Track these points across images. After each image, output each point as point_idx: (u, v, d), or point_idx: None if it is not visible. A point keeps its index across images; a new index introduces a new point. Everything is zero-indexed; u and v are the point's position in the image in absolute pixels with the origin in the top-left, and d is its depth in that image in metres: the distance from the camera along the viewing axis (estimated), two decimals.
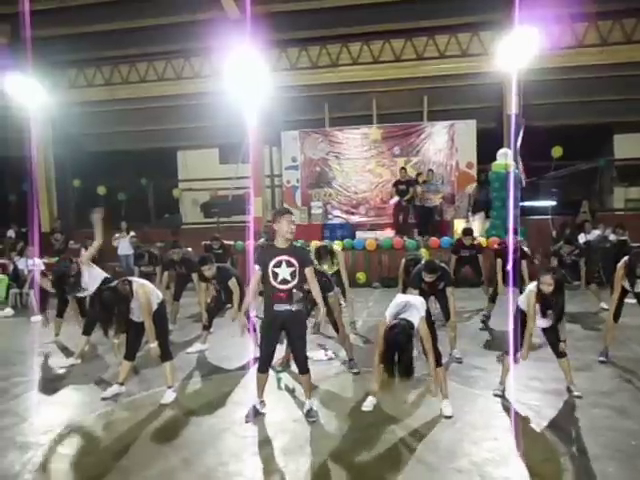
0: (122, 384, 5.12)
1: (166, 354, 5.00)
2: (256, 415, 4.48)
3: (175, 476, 3.57)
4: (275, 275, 4.23)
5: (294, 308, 4.25)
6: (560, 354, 4.78)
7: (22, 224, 13.88)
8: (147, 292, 4.89)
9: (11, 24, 12.71)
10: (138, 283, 4.97)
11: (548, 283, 4.52)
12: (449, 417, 4.32)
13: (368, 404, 4.61)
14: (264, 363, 4.44)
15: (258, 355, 4.65)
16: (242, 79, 10.77)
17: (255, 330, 5.77)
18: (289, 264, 4.24)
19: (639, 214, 13.39)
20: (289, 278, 4.22)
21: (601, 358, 5.75)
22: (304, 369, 4.47)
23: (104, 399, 5.00)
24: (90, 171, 15.61)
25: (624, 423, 4.17)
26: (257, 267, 4.31)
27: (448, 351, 5.85)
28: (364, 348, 6.50)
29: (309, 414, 4.44)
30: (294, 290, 4.24)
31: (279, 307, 4.25)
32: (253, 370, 4.84)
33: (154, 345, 4.85)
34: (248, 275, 4.68)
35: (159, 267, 8.51)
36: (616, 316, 5.85)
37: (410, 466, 3.61)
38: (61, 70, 15.01)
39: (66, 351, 6.88)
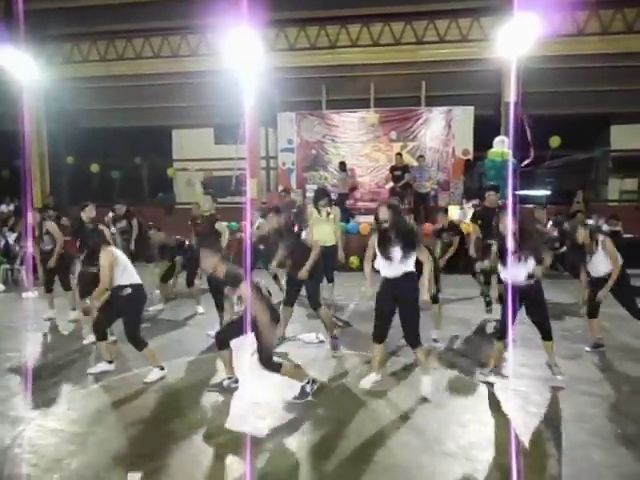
0: (111, 362, 5.13)
1: (139, 344, 4.96)
2: (222, 390, 4.64)
3: (162, 454, 3.59)
4: None
5: None
6: (545, 336, 4.80)
7: (15, 200, 13.76)
8: (110, 258, 4.87)
9: None
10: (106, 249, 4.96)
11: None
12: (426, 399, 4.40)
13: (366, 382, 4.68)
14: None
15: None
16: (239, 58, 10.64)
17: None
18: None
19: (633, 206, 13.42)
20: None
21: (587, 348, 5.80)
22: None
23: (90, 374, 5.04)
24: (84, 148, 15.46)
25: (610, 411, 4.22)
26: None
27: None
28: (353, 331, 6.54)
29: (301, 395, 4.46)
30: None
31: None
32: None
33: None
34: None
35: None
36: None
37: (398, 449, 3.64)
38: (55, 45, 14.77)
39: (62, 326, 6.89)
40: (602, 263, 5.52)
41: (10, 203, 14.12)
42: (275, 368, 4.36)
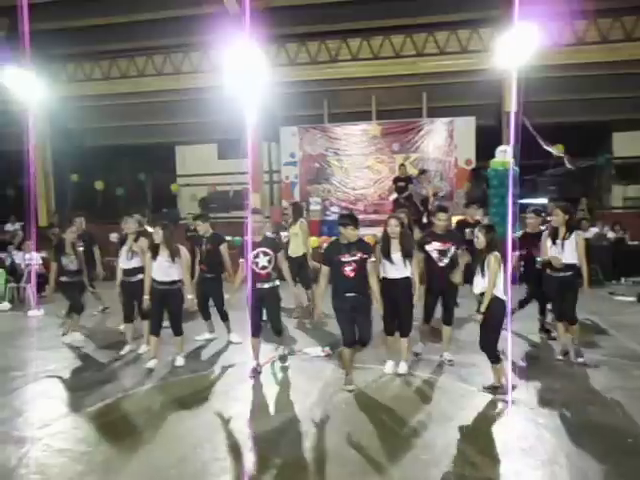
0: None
1: (181, 329, 5.84)
2: (256, 374, 5.39)
3: (170, 471, 3.57)
4: (256, 263, 5.34)
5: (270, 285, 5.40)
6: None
7: (20, 218, 13.83)
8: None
9: (9, 17, 12.65)
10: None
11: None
12: (402, 374, 5.22)
13: (388, 368, 5.36)
14: (257, 328, 5.43)
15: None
16: (241, 74, 10.72)
17: None
18: (265, 253, 5.36)
19: (637, 212, 13.38)
20: (267, 264, 5.35)
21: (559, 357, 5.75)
22: (280, 331, 5.61)
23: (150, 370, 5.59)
24: (88, 166, 15.56)
25: (619, 421, 4.18)
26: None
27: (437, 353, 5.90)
28: None
29: (282, 359, 5.71)
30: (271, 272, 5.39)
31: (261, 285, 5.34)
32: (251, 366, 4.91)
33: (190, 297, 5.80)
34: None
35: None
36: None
37: (406, 462, 3.61)
38: (59, 64, 14.94)
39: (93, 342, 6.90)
40: None
41: (16, 222, 14.20)
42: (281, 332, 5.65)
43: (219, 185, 15.79)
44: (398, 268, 5.16)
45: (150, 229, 6.17)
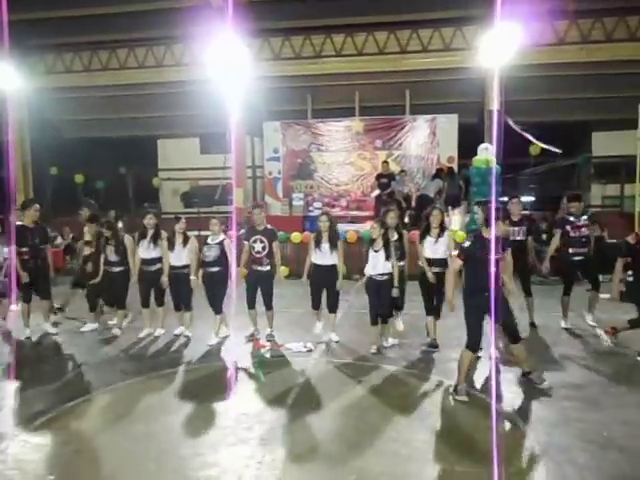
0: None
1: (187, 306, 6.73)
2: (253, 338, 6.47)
3: (150, 466, 3.56)
4: (253, 247, 6.42)
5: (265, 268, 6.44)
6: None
7: None
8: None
9: None
10: None
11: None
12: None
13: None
14: (251, 302, 6.53)
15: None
16: (224, 68, 10.65)
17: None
18: (261, 241, 6.40)
19: (616, 211, 13.60)
20: (261, 250, 6.38)
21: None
22: (270, 307, 6.56)
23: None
24: (68, 158, 15.33)
25: (595, 415, 4.26)
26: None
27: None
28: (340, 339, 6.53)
29: (269, 336, 6.52)
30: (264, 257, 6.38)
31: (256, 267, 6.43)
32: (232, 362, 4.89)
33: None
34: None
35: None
36: None
37: (386, 457, 3.64)
38: (38, 55, 14.67)
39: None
40: None
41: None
42: (272, 306, 6.65)
43: (201, 180, 15.68)
44: (325, 256, 6.24)
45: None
